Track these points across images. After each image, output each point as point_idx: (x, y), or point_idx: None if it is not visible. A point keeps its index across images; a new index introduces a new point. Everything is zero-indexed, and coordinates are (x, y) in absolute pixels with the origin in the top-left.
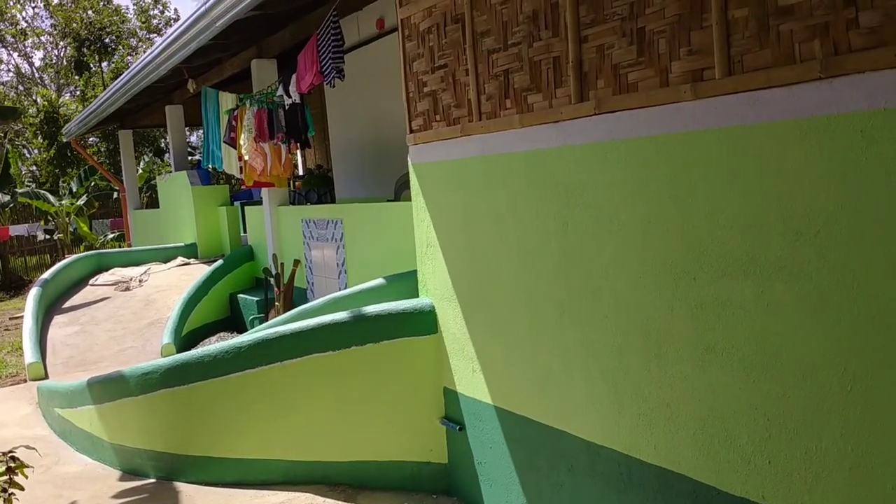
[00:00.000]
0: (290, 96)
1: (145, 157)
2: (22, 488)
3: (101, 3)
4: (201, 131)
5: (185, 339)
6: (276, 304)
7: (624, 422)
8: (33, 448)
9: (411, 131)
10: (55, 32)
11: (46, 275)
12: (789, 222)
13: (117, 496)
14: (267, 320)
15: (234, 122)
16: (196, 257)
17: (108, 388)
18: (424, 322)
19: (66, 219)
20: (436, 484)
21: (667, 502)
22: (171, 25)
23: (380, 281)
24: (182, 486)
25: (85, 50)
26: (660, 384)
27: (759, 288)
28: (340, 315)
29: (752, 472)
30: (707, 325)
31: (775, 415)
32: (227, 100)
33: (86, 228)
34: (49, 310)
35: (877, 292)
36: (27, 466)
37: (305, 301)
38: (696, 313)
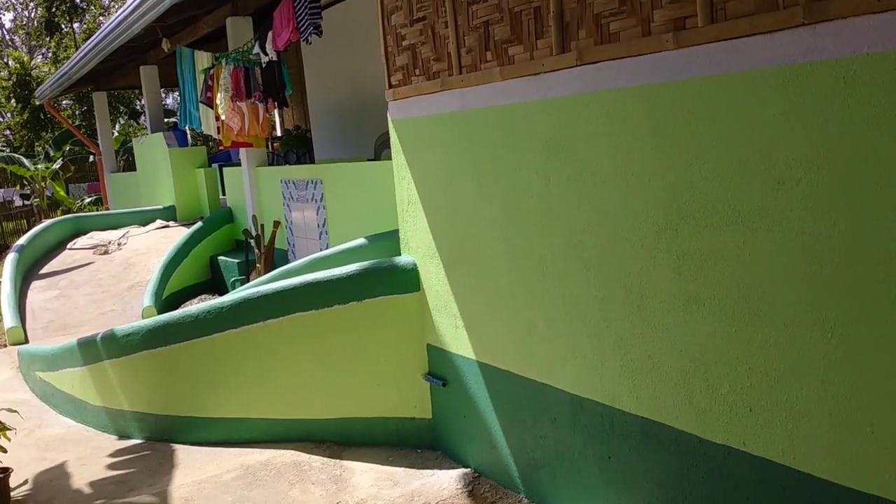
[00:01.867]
0: (266, 54)
1: (121, 119)
2: (5, 451)
3: None
4: (177, 93)
5: (166, 302)
6: (258, 265)
7: (606, 374)
8: (15, 411)
9: (390, 86)
10: None
11: (23, 240)
12: (771, 171)
13: (103, 457)
14: (248, 282)
15: (210, 82)
16: (175, 220)
17: (90, 351)
18: (407, 280)
19: (42, 183)
20: (420, 439)
21: (649, 451)
22: None
23: (361, 241)
24: (167, 446)
25: (55, 10)
26: (642, 336)
27: (740, 238)
28: (322, 274)
29: (734, 419)
30: (689, 276)
31: (757, 363)
32: (203, 59)
33: (62, 193)
34: (27, 275)
35: (858, 240)
36: (10, 429)
37: (287, 263)
38: (678, 265)
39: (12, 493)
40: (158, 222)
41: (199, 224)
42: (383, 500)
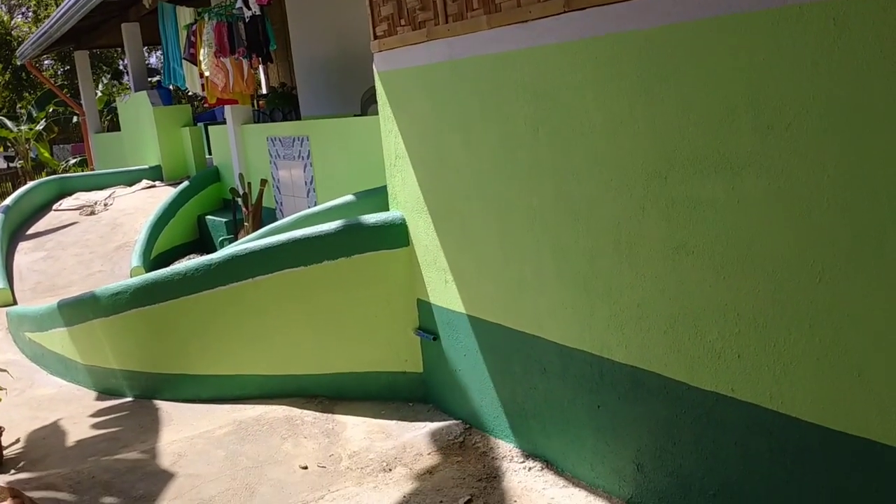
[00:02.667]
0: (249, 8)
1: (104, 78)
2: None
3: None
4: (161, 51)
5: (154, 262)
6: (245, 224)
7: (596, 324)
8: (5, 370)
9: (375, 37)
10: None
11: (8, 201)
12: (760, 116)
13: (94, 415)
14: (236, 241)
15: (192, 38)
16: (161, 180)
17: (79, 310)
18: (396, 235)
19: (26, 145)
20: (412, 392)
21: (638, 400)
22: None
23: (349, 197)
24: (159, 404)
25: None
26: (631, 285)
27: (729, 184)
28: (311, 230)
29: (722, 366)
30: (678, 224)
31: (745, 310)
32: (185, 14)
33: (47, 154)
34: (13, 236)
35: (847, 184)
36: (1, 389)
37: (275, 221)
38: (667, 213)
39: (5, 452)
40: (144, 182)
41: (186, 183)
42: (375, 452)
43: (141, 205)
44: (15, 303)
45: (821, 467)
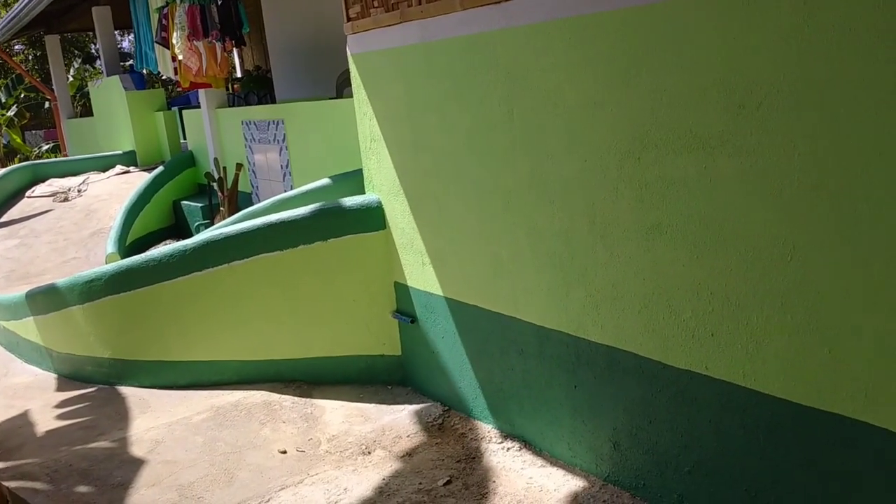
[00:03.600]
0: None
1: (75, 63)
2: None
3: None
4: (133, 35)
5: (130, 248)
6: (221, 208)
7: (571, 304)
8: None
9: (348, 19)
10: None
11: None
12: (732, 96)
13: (70, 403)
14: (213, 226)
15: (164, 21)
16: (135, 165)
17: (53, 298)
18: (372, 218)
19: None
20: (390, 375)
21: (614, 379)
22: None
23: (325, 181)
24: (136, 391)
25: None
26: (606, 265)
27: (702, 164)
28: (287, 214)
29: (696, 345)
30: (652, 205)
31: (718, 288)
32: None
33: (19, 140)
34: None
35: (817, 163)
36: None
37: (251, 205)
38: (640, 193)
39: None
40: (118, 168)
41: (161, 168)
42: (354, 435)
43: (115, 190)
44: None
45: (792, 443)
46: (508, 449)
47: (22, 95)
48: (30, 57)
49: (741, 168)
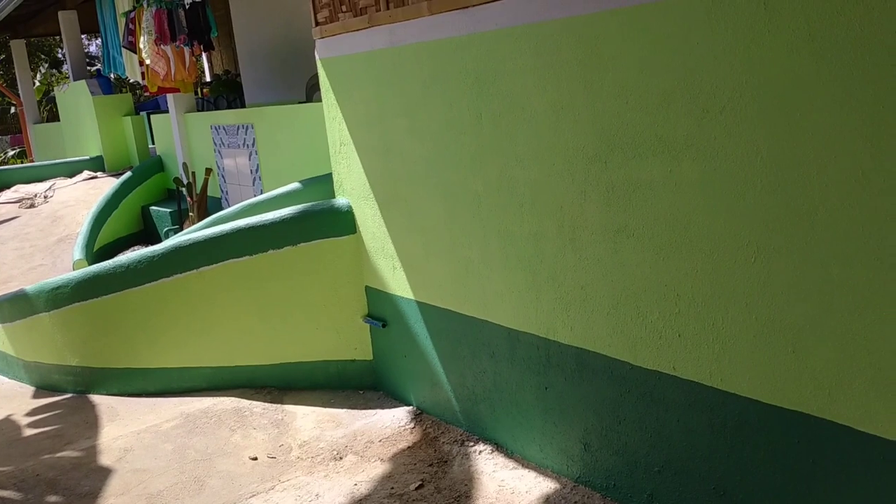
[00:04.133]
0: None
1: (42, 68)
2: None
3: None
4: (100, 40)
5: (98, 255)
6: (191, 214)
7: (542, 307)
8: None
9: (317, 24)
10: None
11: None
12: (696, 100)
13: (37, 412)
14: (182, 231)
15: (131, 25)
16: (103, 170)
17: (19, 306)
18: (342, 222)
19: None
20: (362, 380)
21: (584, 380)
22: None
23: (295, 185)
24: (104, 399)
25: None
26: (574, 268)
27: (667, 167)
28: (256, 219)
29: (664, 345)
30: (619, 208)
31: (684, 290)
32: (124, 1)
33: None
34: None
35: (779, 166)
36: None
37: (220, 210)
38: (607, 196)
39: None
40: (86, 173)
41: (129, 174)
42: (326, 441)
43: (82, 196)
44: None
45: (759, 441)
46: (480, 452)
47: None
48: None
49: (705, 171)
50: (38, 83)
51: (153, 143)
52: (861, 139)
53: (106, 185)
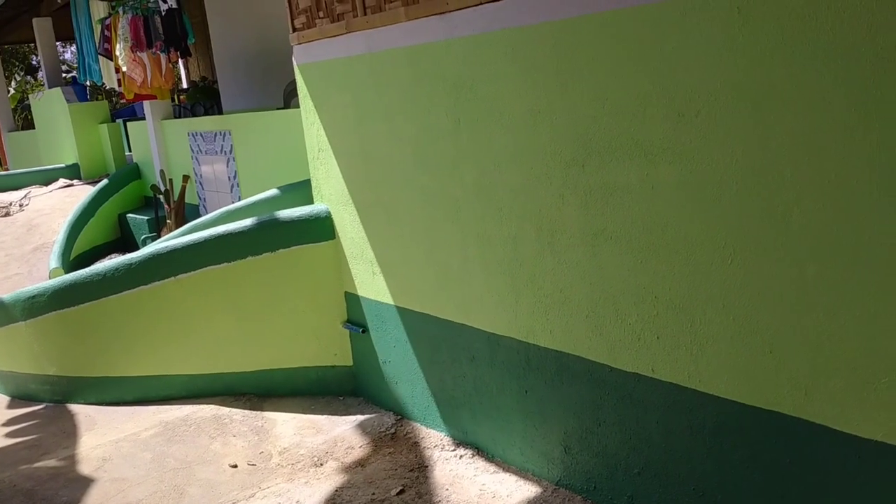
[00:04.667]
0: (165, 1)
1: (17, 75)
2: None
3: None
4: (75, 47)
5: (75, 263)
6: (168, 221)
7: (521, 310)
8: None
9: (294, 30)
10: None
11: None
12: (672, 104)
13: (13, 422)
14: (159, 239)
15: (107, 33)
16: (79, 178)
17: None
18: (321, 228)
19: None
20: (342, 386)
21: (564, 383)
22: None
23: (274, 191)
24: (82, 408)
25: None
26: (553, 271)
27: (644, 171)
28: (234, 226)
29: (643, 348)
30: (596, 211)
31: (662, 292)
32: (99, 8)
33: None
34: None
35: (754, 168)
36: None
37: (198, 217)
38: (585, 200)
39: None
40: (62, 181)
41: (105, 181)
42: (306, 447)
43: (58, 204)
44: None
45: (737, 441)
46: (461, 456)
47: None
48: None
49: (682, 174)
50: (12, 91)
51: (130, 151)
52: (833, 141)
53: (82, 193)
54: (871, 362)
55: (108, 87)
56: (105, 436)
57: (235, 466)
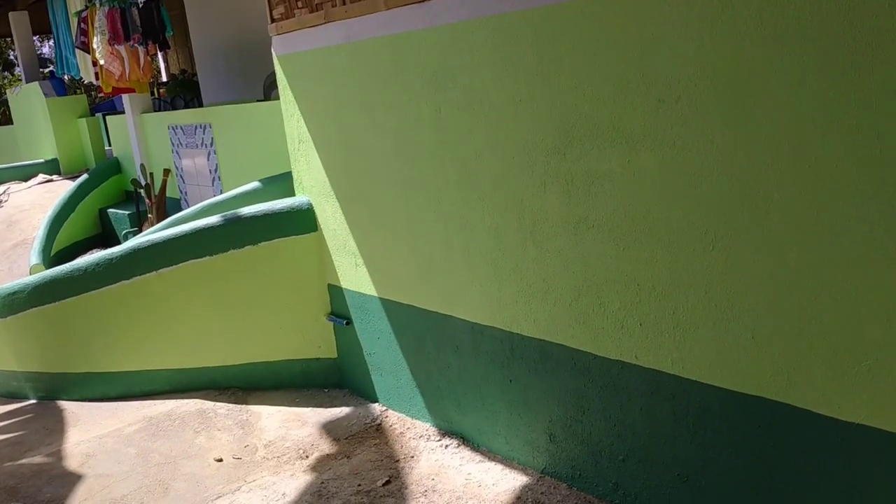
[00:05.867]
0: None
1: None
2: None
3: None
4: (52, 41)
5: (56, 259)
6: (150, 216)
7: (504, 300)
8: None
9: (273, 20)
10: None
11: None
12: (652, 91)
13: None
14: (141, 233)
15: (84, 26)
16: (59, 173)
17: None
18: (303, 220)
19: None
20: (326, 378)
21: (547, 371)
22: None
23: (255, 184)
24: (64, 405)
25: None
26: (536, 260)
27: (625, 158)
28: (215, 219)
29: (626, 335)
30: (578, 199)
31: (644, 279)
32: (76, 1)
33: None
34: None
35: (734, 154)
36: None
37: (180, 211)
38: (567, 188)
39: None
40: (41, 177)
41: (85, 176)
42: (292, 440)
43: (38, 200)
44: None
45: (721, 426)
46: (447, 446)
47: None
48: None
49: (663, 161)
50: None
51: (109, 145)
52: (813, 126)
53: (62, 188)
54: (851, 346)
55: (86, 81)
56: (88, 432)
57: (220, 460)
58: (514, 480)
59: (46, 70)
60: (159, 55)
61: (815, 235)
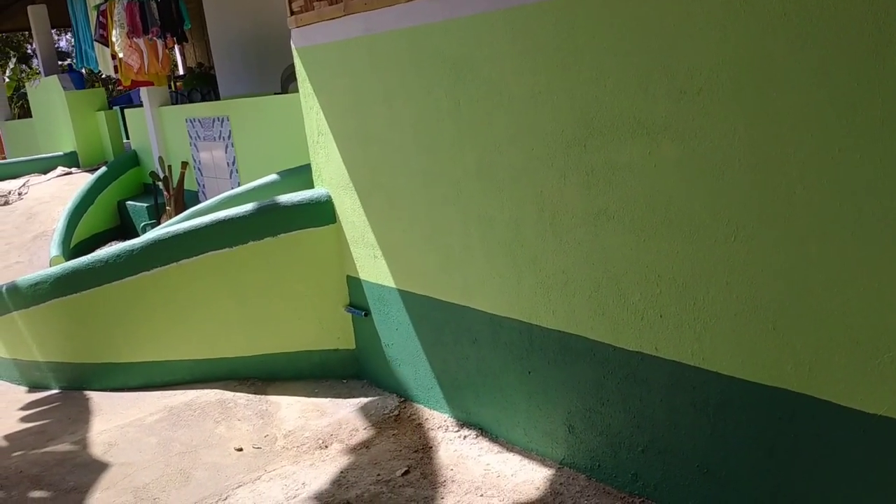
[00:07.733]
0: None
1: (11, 63)
2: None
3: None
4: (70, 34)
5: (75, 251)
6: (168, 208)
7: (523, 292)
8: None
9: (292, 13)
10: None
11: None
12: (673, 81)
13: (20, 409)
14: (159, 225)
15: (102, 19)
16: (77, 166)
17: None
18: (322, 212)
19: None
20: (345, 369)
21: (566, 363)
22: None
23: (273, 177)
24: (87, 394)
25: None
26: (555, 252)
27: (646, 149)
28: (235, 211)
29: (646, 327)
30: (598, 190)
31: (665, 271)
32: None
33: None
34: None
35: (756, 145)
36: None
37: (197, 204)
38: (587, 179)
39: None
40: (60, 169)
41: (104, 169)
42: (311, 430)
43: (57, 192)
44: None
45: (741, 418)
46: (465, 437)
47: None
48: None
49: (684, 152)
50: (7, 79)
51: (128, 138)
52: (836, 116)
53: (81, 180)
54: (874, 338)
55: (104, 75)
56: (110, 421)
57: (241, 450)
58: (533, 471)
59: (65, 63)
60: (176, 49)
61: (838, 227)
